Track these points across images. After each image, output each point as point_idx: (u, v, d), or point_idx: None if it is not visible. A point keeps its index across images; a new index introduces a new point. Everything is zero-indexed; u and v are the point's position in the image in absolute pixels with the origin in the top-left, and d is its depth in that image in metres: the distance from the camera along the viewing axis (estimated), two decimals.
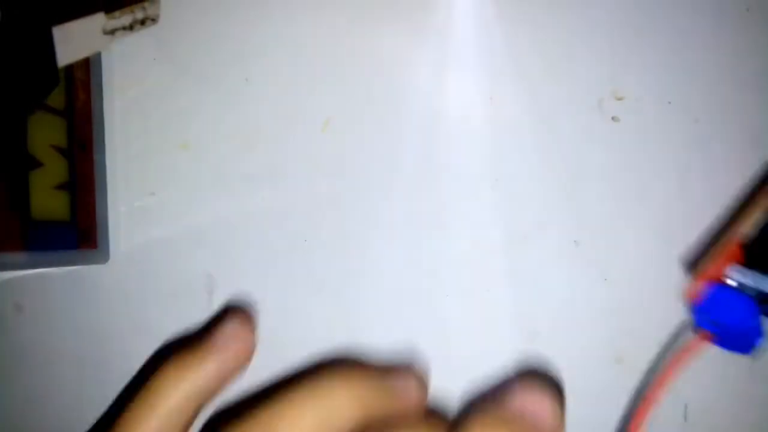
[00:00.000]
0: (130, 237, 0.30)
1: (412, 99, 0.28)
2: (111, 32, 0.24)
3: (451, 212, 0.28)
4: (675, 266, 0.27)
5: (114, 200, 0.30)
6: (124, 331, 0.30)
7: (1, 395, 0.30)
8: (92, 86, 0.29)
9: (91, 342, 0.30)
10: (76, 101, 0.28)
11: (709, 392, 0.28)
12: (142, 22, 0.26)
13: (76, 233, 0.27)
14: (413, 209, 0.28)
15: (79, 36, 0.23)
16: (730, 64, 0.27)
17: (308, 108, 0.29)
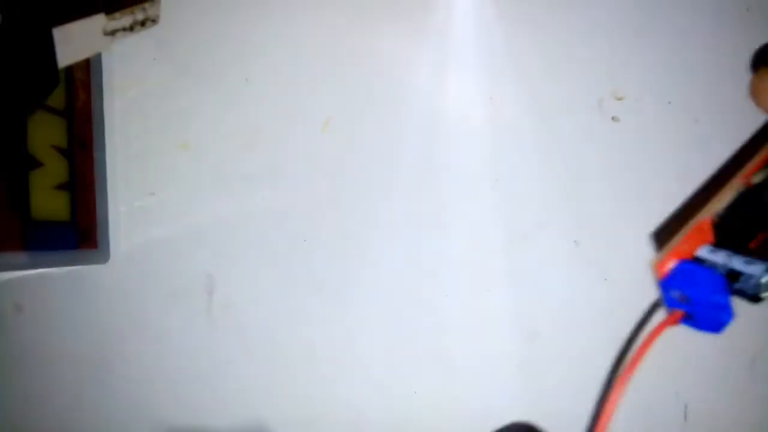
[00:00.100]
0: (130, 237, 0.30)
1: (412, 99, 0.28)
2: (111, 33, 0.24)
3: (451, 212, 0.28)
4: None
5: (114, 200, 0.30)
6: (124, 331, 0.30)
7: (1, 395, 0.30)
8: (92, 86, 0.29)
9: (91, 342, 0.30)
10: (76, 101, 0.28)
11: (709, 392, 0.28)
12: (143, 23, 0.26)
13: (76, 233, 0.27)
14: (413, 209, 0.28)
15: (80, 37, 0.23)
16: (730, 64, 0.27)
17: (308, 108, 0.29)
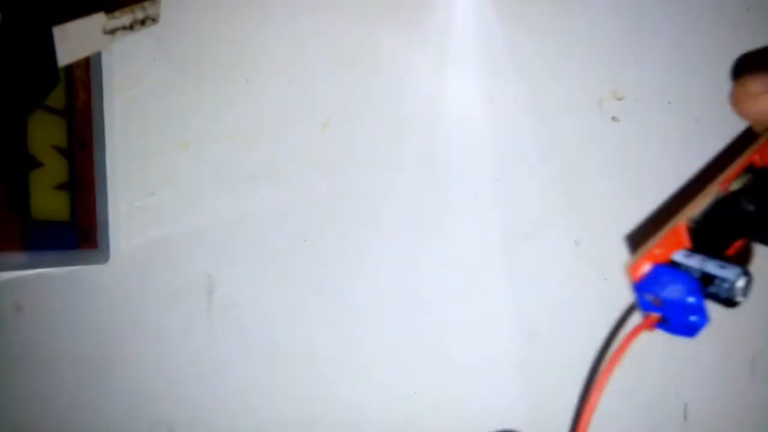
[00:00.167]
0: (130, 237, 0.30)
1: (412, 99, 0.28)
2: (111, 32, 0.24)
3: (451, 212, 0.28)
4: None
5: (114, 200, 0.30)
6: (124, 331, 0.30)
7: (1, 395, 0.30)
8: (92, 86, 0.29)
9: (90, 342, 0.30)
10: (76, 101, 0.28)
11: (709, 392, 0.28)
12: (143, 22, 0.26)
13: (76, 233, 0.27)
14: (413, 209, 0.28)
15: (79, 36, 0.23)
16: (730, 64, 0.27)
17: (308, 108, 0.29)
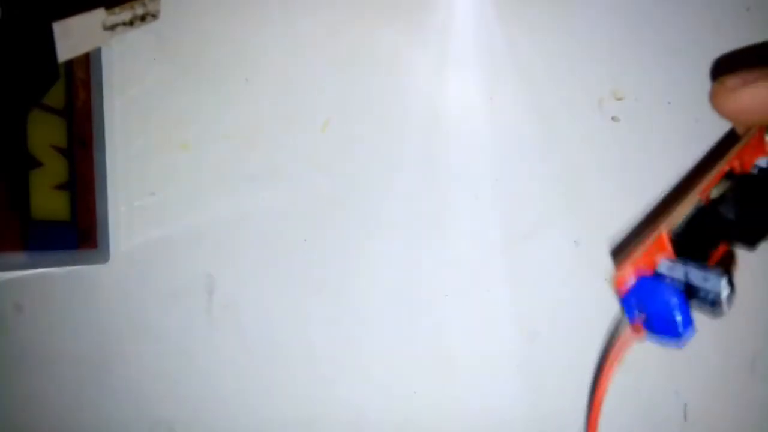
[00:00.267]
0: (130, 237, 0.30)
1: (412, 99, 0.28)
2: (111, 28, 0.24)
3: (451, 212, 0.28)
4: None
5: (114, 200, 0.30)
6: (124, 331, 0.30)
7: (1, 395, 0.30)
8: (92, 85, 0.29)
9: (90, 342, 0.30)
10: (76, 101, 0.28)
11: (709, 392, 0.28)
12: (143, 18, 0.26)
13: (76, 233, 0.27)
14: (413, 209, 0.28)
15: (80, 31, 0.23)
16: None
17: (308, 108, 0.29)
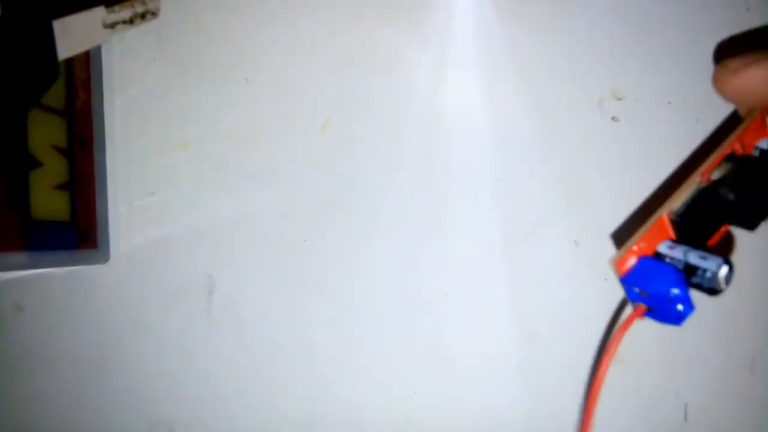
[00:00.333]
0: (130, 237, 0.30)
1: (412, 99, 0.28)
2: (111, 26, 0.24)
3: (451, 212, 0.28)
4: None
5: (114, 200, 0.30)
6: (124, 331, 0.30)
7: (1, 395, 0.30)
8: (92, 85, 0.29)
9: (90, 342, 0.30)
10: (76, 101, 0.28)
11: (709, 392, 0.28)
12: (143, 16, 0.26)
13: (76, 233, 0.27)
14: (413, 209, 0.28)
15: (80, 29, 0.23)
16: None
17: (308, 108, 0.29)
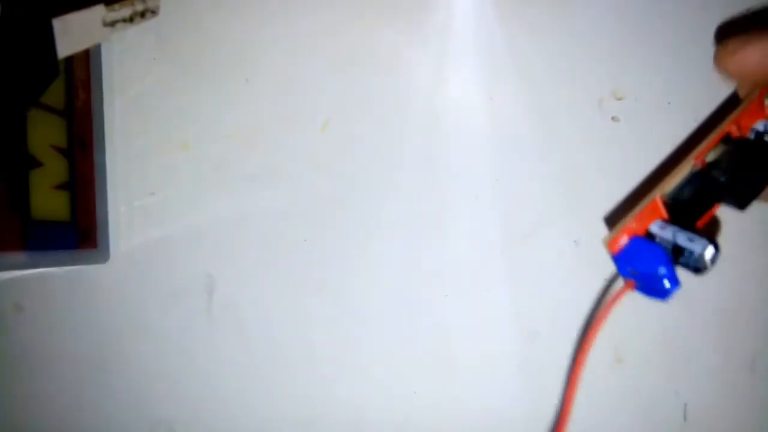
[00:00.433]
0: (130, 237, 0.30)
1: (412, 99, 0.28)
2: (111, 24, 0.24)
3: (451, 212, 0.28)
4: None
5: (114, 200, 0.30)
6: (124, 331, 0.30)
7: (1, 395, 0.30)
8: (92, 85, 0.29)
9: (90, 342, 0.30)
10: (76, 101, 0.28)
11: (709, 392, 0.28)
12: (143, 14, 0.26)
13: (76, 233, 0.27)
14: (413, 209, 0.28)
15: (79, 28, 0.23)
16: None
17: (308, 108, 0.29)
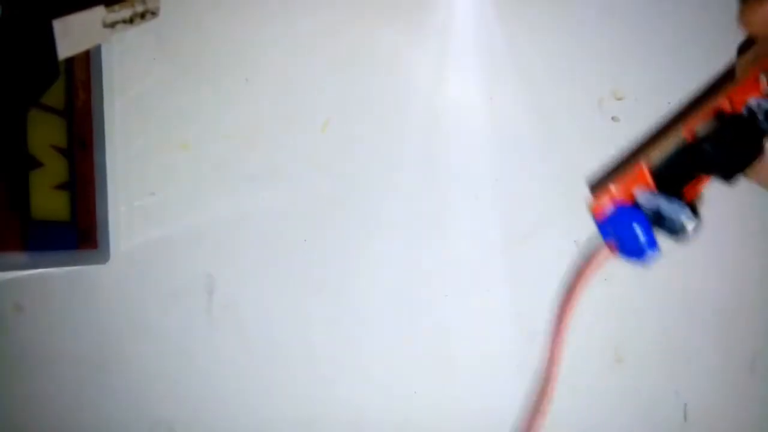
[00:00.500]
0: (130, 237, 0.30)
1: (412, 99, 0.28)
2: (111, 25, 0.24)
3: (451, 212, 0.28)
4: (676, 266, 0.27)
5: (114, 200, 0.30)
6: (124, 331, 0.30)
7: (1, 395, 0.30)
8: (92, 86, 0.29)
9: (90, 342, 0.30)
10: (76, 101, 0.28)
11: (709, 392, 0.28)
12: (142, 16, 0.26)
13: (76, 233, 0.27)
14: (413, 209, 0.28)
15: (80, 29, 0.23)
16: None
17: (308, 108, 0.29)
